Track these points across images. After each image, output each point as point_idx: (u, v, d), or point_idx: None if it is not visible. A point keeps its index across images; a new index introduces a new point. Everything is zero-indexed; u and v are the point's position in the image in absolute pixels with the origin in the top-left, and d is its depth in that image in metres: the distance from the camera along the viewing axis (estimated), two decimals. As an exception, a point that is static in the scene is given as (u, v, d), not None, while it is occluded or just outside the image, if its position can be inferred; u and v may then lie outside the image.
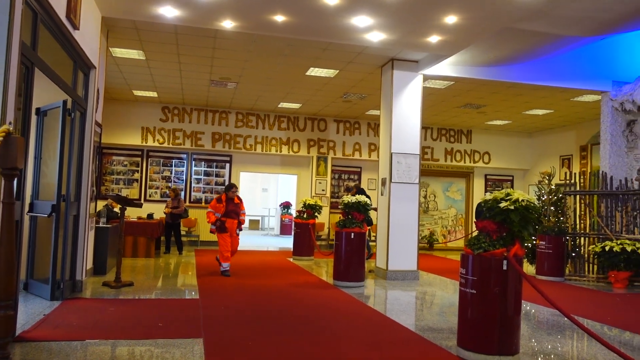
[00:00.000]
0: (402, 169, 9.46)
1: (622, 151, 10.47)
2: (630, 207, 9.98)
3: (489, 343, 4.38)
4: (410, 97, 9.61)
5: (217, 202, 9.22)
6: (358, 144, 15.71)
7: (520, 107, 13.00)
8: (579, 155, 14.65)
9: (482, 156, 16.64)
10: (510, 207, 4.42)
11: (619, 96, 10.31)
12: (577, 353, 5.10)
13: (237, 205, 9.36)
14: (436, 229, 16.54)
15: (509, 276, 4.38)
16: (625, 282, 9.37)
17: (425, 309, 7.37)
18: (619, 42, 10.25)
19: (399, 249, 9.39)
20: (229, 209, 9.19)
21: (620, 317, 6.84)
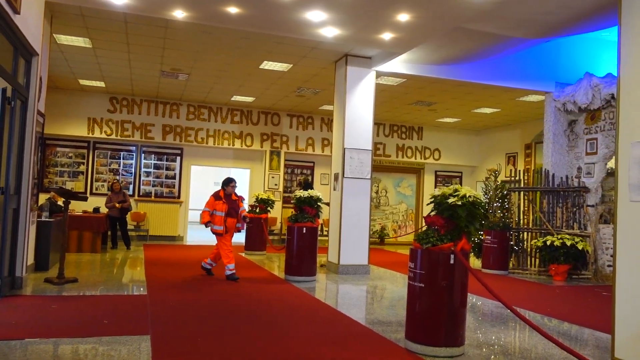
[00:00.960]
0: (354, 165, 9.54)
1: (564, 150, 10.94)
2: (570, 204, 10.45)
3: (435, 335, 4.49)
4: (364, 93, 9.69)
5: (215, 199, 8.32)
6: (311, 138, 15.73)
7: (469, 105, 13.36)
8: (524, 153, 15.20)
9: (432, 153, 17.01)
10: (457, 203, 4.53)
11: (562, 97, 10.75)
12: (519, 343, 5.30)
13: (235, 202, 8.50)
14: (387, 223, 16.80)
15: (455, 270, 4.50)
16: (564, 275, 9.81)
17: (375, 302, 7.48)
18: (562, 45, 10.69)
19: (351, 243, 9.48)
20: (228, 206, 8.35)
21: (560, 308, 7.16)
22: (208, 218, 8.30)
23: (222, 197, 8.36)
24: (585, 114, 10.63)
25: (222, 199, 8.35)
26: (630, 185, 4.21)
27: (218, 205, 8.30)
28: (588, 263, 9.97)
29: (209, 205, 8.36)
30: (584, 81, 10.31)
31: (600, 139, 10.27)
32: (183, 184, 14.83)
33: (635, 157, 4.17)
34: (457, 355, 4.52)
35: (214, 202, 8.32)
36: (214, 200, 8.34)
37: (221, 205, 8.30)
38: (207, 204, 8.40)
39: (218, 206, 8.29)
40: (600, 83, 9.99)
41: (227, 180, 8.59)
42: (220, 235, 8.29)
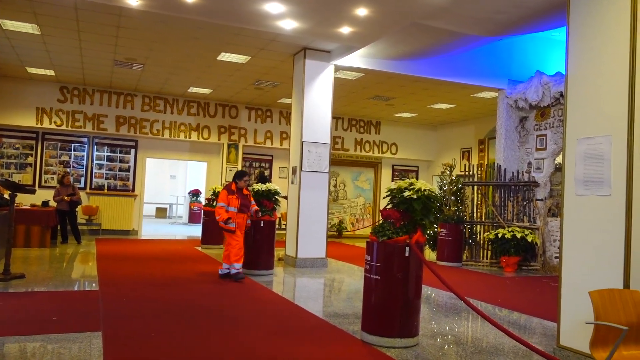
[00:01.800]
0: (312, 158, 9.55)
1: (515, 145, 11.28)
2: (521, 197, 10.80)
3: (391, 326, 4.56)
4: (322, 86, 9.70)
5: (229, 194, 7.61)
6: (270, 132, 15.64)
7: (426, 100, 13.58)
8: (478, 148, 15.59)
9: (389, 147, 17.21)
10: (413, 197, 4.61)
11: (514, 94, 11.07)
12: (471, 333, 5.45)
13: (247, 197, 7.87)
14: (345, 217, 16.92)
15: (410, 262, 4.58)
16: (515, 267, 10.15)
17: (332, 295, 7.53)
18: (515, 44, 11.00)
19: (309, 237, 9.50)
20: (240, 201, 7.70)
21: (510, 298, 7.40)
22: (227, 214, 7.54)
23: (235, 192, 7.69)
24: (535, 111, 10.99)
25: (236, 194, 7.69)
26: (576, 180, 4.38)
27: (232, 201, 7.60)
28: (537, 255, 10.35)
29: (223, 199, 7.56)
30: (535, 79, 10.65)
31: (549, 135, 10.64)
32: (138, 176, 14.47)
33: (581, 153, 4.35)
34: (411, 345, 4.61)
35: (228, 196, 7.59)
36: (228, 195, 7.60)
37: (235, 201, 7.63)
38: (221, 199, 7.58)
39: (232, 201, 7.59)
40: (550, 81, 10.34)
41: (241, 174, 7.85)
42: (233, 233, 7.67)
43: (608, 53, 4.22)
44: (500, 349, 4.74)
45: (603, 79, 4.24)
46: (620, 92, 4.07)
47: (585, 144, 4.31)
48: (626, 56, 4.05)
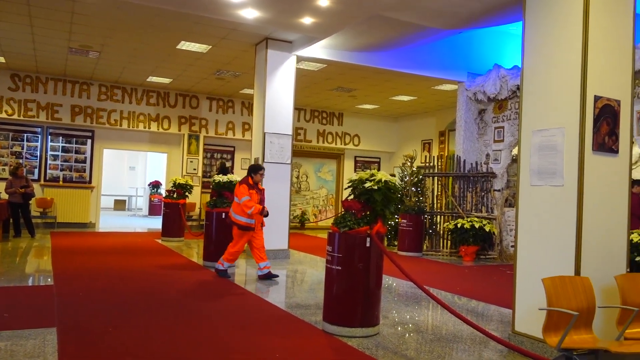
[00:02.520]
0: (275, 149, 9.50)
1: (474, 137, 11.52)
2: (479, 188, 11.05)
3: (352, 316, 4.60)
4: (284, 77, 9.63)
5: (250, 188, 7.10)
6: (232, 122, 15.46)
7: (388, 92, 13.69)
8: (438, 140, 15.84)
9: (352, 138, 17.29)
10: (374, 187, 4.64)
11: (473, 87, 11.28)
12: (431, 321, 5.56)
13: (262, 192, 7.41)
14: (308, 208, 16.94)
15: (371, 252, 4.62)
16: (473, 256, 10.40)
17: (295, 286, 7.54)
18: (474, 37, 11.19)
19: (271, 228, 9.42)
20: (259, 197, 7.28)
21: (468, 287, 7.58)
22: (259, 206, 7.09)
23: (253, 186, 7.20)
24: (493, 104, 11.23)
25: (255, 188, 7.21)
26: (530, 171, 4.50)
27: (253, 196, 7.10)
28: (494, 244, 10.63)
29: (246, 193, 7.04)
30: (493, 72, 10.88)
31: (506, 127, 10.90)
32: (95, 168, 14.06)
33: (536, 144, 4.46)
34: (372, 334, 4.67)
35: (249, 191, 7.09)
36: (249, 189, 7.11)
37: (255, 196, 7.14)
38: (243, 193, 7.03)
39: (252, 196, 7.10)
40: (507, 74, 10.58)
41: (257, 167, 7.34)
42: (252, 230, 7.23)
43: (561, 48, 4.34)
44: (459, 336, 4.85)
45: (557, 72, 4.36)
46: (573, 86, 4.19)
47: (540, 135, 4.43)
48: (579, 51, 4.17)
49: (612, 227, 4.29)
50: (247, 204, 7.02)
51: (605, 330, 4.09)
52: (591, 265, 4.10)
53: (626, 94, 4.36)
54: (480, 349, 4.50)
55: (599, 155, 4.19)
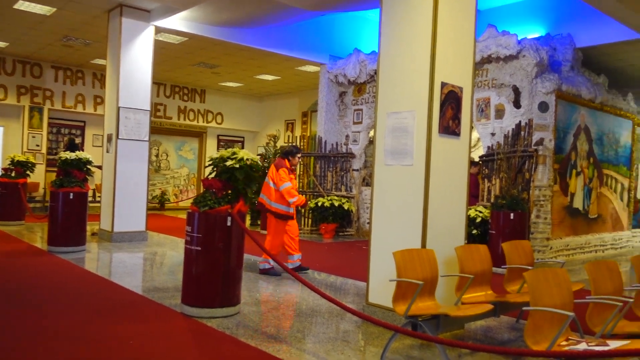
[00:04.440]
0: (130, 125, 8.92)
1: (335, 118, 11.90)
2: (339, 168, 11.49)
3: (211, 297, 4.52)
4: (141, 49, 9.05)
5: (289, 172, 6.56)
6: (81, 95, 14.19)
7: (252, 71, 13.55)
8: (301, 120, 16.12)
9: (215, 116, 16.90)
10: (235, 166, 4.57)
11: (334, 69, 11.61)
12: (291, 298, 5.67)
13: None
14: (168, 188, 16.29)
15: (232, 232, 4.56)
16: (333, 233, 10.82)
17: (153, 269, 7.21)
18: (336, 21, 11.48)
19: (127, 209, 8.92)
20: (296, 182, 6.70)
21: (328, 263, 7.88)
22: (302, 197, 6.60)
23: (292, 170, 6.69)
24: (353, 87, 11.68)
25: (293, 173, 6.71)
26: (385, 151, 4.76)
27: (292, 181, 6.57)
28: (352, 221, 11.16)
29: (287, 179, 6.47)
30: (353, 56, 11.29)
31: (365, 110, 11.43)
32: None
33: (389, 126, 4.72)
34: (232, 314, 4.64)
35: (288, 175, 6.54)
36: (289, 174, 6.55)
37: (294, 181, 6.65)
38: (284, 179, 6.44)
39: (292, 182, 6.57)
40: (366, 59, 11.05)
41: (296, 150, 6.80)
42: (291, 219, 6.66)
43: (413, 37, 4.61)
44: (318, 311, 5.02)
45: (409, 58, 4.63)
46: (423, 71, 4.49)
47: (394, 117, 4.68)
48: (428, 40, 4.46)
49: (453, 204, 4.71)
50: (291, 193, 6.45)
51: (446, 296, 4.50)
52: (435, 239, 4.47)
53: (468, 82, 4.78)
54: (337, 321, 4.70)
55: (444, 137, 4.56)
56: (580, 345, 2.90)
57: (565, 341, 3.03)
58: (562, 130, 8.85)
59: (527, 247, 4.89)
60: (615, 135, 10.54)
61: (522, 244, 4.90)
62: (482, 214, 8.18)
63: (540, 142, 8.45)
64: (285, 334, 4.23)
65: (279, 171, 6.53)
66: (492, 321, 4.88)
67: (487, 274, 4.45)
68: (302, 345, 3.98)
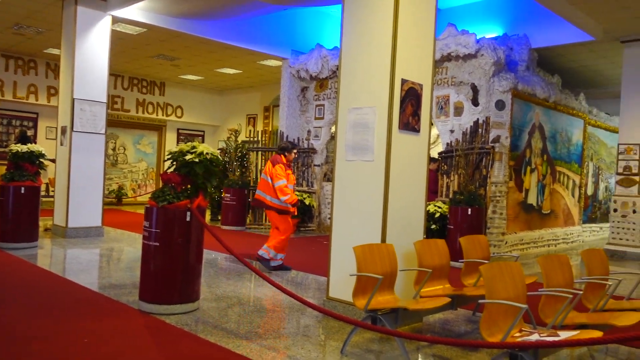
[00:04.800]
0: (86, 118, 8.66)
1: (297, 113, 11.88)
2: (301, 163, 11.48)
3: (170, 293, 4.45)
4: (98, 39, 8.78)
5: (286, 168, 6.52)
6: (34, 85, 13.66)
7: (212, 64, 13.36)
8: (263, 115, 16.02)
9: (175, 110, 16.60)
10: (195, 160, 4.50)
11: (296, 64, 11.58)
12: (253, 293, 5.64)
13: None
14: (125, 182, 15.90)
15: (192, 227, 4.49)
16: (294, 228, 10.79)
17: (109, 266, 7.04)
18: (299, 15, 11.45)
19: (82, 204, 8.67)
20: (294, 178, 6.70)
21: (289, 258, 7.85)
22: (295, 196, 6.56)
23: (289, 166, 6.63)
24: (315, 82, 11.68)
25: (291, 168, 6.67)
26: (346, 147, 4.78)
27: (289, 177, 6.53)
28: (313, 216, 11.18)
29: (282, 176, 6.44)
30: (315, 52, 11.28)
31: (326, 105, 11.45)
32: None
33: (351, 121, 4.74)
34: (191, 310, 4.57)
35: (286, 171, 6.50)
36: (285, 170, 6.50)
37: (291, 177, 6.61)
38: (280, 175, 6.41)
39: (289, 178, 6.52)
40: (328, 55, 11.06)
41: (292, 145, 6.81)
42: (288, 215, 6.61)
43: (374, 31, 4.63)
44: (279, 306, 5.01)
45: (370, 54, 4.65)
46: (384, 68, 4.52)
47: (355, 113, 4.71)
48: (389, 38, 4.50)
49: (412, 199, 4.78)
50: (284, 191, 6.42)
51: (405, 290, 4.57)
52: (395, 234, 4.53)
53: (427, 79, 4.85)
54: (298, 316, 4.70)
55: (404, 133, 4.62)
56: (533, 336, 3.00)
57: (518, 332, 3.12)
58: (517, 128, 9.11)
59: (484, 242, 5.01)
60: (568, 134, 10.92)
61: (478, 238, 5.02)
62: (441, 210, 8.34)
63: (496, 140, 8.67)
64: (246, 330, 4.21)
65: (275, 167, 6.52)
66: (449, 314, 4.99)
67: (445, 268, 4.54)
68: (262, 341, 3.97)
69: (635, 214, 9.37)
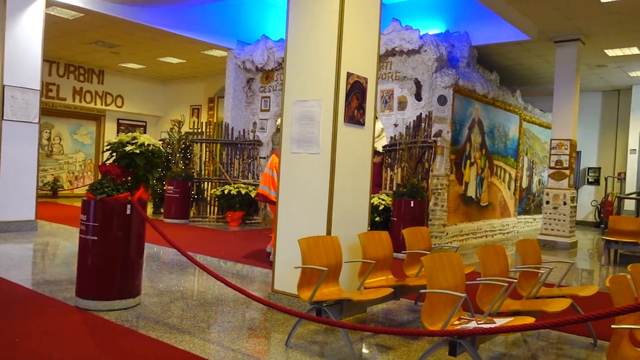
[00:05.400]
0: (18, 105, 8.21)
1: (243, 105, 11.74)
2: (246, 155, 11.37)
3: (109, 289, 4.31)
4: (30, 22, 8.32)
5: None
6: (-41, 71, 12.81)
7: (154, 52, 12.98)
8: (207, 106, 15.74)
9: (115, 99, 16.02)
10: (136, 151, 4.36)
11: (242, 55, 11.43)
12: (196, 287, 5.55)
13: None
14: (62, 174, 15.22)
15: (132, 220, 4.36)
16: (239, 221, 10.72)
17: (44, 261, 6.73)
18: (244, 5, 11.29)
19: (13, 197, 8.22)
20: None
21: (234, 251, 7.79)
22: None
23: None
24: (261, 74, 11.58)
25: None
26: (292, 139, 4.77)
27: None
28: (259, 209, 11.12)
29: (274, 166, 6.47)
30: (261, 43, 11.17)
31: (272, 97, 11.38)
32: None
33: (296, 114, 4.73)
34: (132, 306, 4.45)
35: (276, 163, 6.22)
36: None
37: None
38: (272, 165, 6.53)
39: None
40: (274, 46, 10.98)
41: None
42: None
43: (320, 24, 4.64)
44: (223, 299, 4.95)
45: (316, 47, 4.65)
46: (329, 61, 4.53)
47: (301, 106, 4.70)
48: (335, 31, 4.51)
49: (357, 192, 4.84)
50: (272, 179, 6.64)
51: (350, 282, 4.63)
52: (340, 226, 4.57)
53: (372, 74, 4.91)
54: (243, 309, 4.67)
55: (349, 126, 4.66)
56: (471, 324, 3.11)
57: (457, 320, 3.23)
58: (458, 123, 9.40)
59: (425, 233, 5.15)
60: (505, 129, 11.37)
61: (420, 230, 5.15)
62: (385, 202, 8.49)
63: (438, 134, 8.91)
64: (189, 325, 4.14)
65: (273, 157, 6.67)
66: (392, 304, 5.10)
67: (389, 259, 4.63)
68: (206, 335, 3.92)
69: (565, 205, 9.89)
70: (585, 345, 4.18)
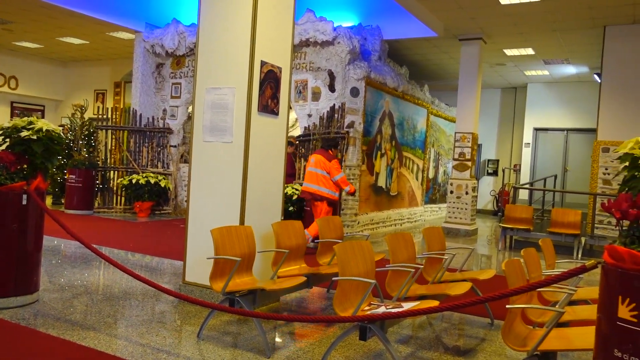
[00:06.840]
0: None
1: (152, 91, 11.27)
2: (156, 144, 10.95)
3: (4, 285, 3.99)
4: None
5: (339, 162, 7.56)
6: None
7: (54, 31, 12.09)
8: (113, 91, 14.95)
9: (7, 80, 14.76)
10: (32, 137, 4.06)
11: (151, 39, 10.95)
12: (102, 281, 5.29)
13: None
14: (-55, 162, 13.82)
15: (29, 211, 4.06)
16: (148, 212, 10.32)
17: None
18: (153, -13, 10.81)
19: None
20: None
21: (143, 243, 7.51)
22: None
23: None
24: (172, 59, 11.17)
25: None
26: (204, 127, 4.66)
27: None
28: (169, 199, 10.77)
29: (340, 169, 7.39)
30: (172, 27, 10.77)
31: (183, 84, 11.03)
32: None
33: (209, 102, 4.62)
34: (30, 303, 4.16)
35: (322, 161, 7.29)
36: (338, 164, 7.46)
37: None
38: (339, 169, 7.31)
39: None
40: (185, 31, 10.63)
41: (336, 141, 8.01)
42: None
43: (234, 11, 4.55)
44: (131, 293, 4.76)
45: (230, 36, 4.56)
46: (243, 48, 4.47)
47: (213, 93, 4.60)
48: (249, 18, 4.44)
49: (271, 181, 4.83)
50: (346, 182, 7.34)
51: (263, 271, 4.63)
52: (253, 215, 4.55)
53: (286, 63, 4.90)
54: (153, 302, 4.52)
55: (263, 116, 4.63)
56: (380, 309, 3.23)
57: (368, 306, 3.34)
58: (370, 115, 9.65)
59: (338, 223, 5.25)
60: (413, 122, 11.84)
61: (333, 219, 5.25)
62: (298, 192, 8.55)
63: (351, 125, 9.10)
64: (94, 320, 3.94)
65: (332, 162, 7.32)
66: (305, 292, 5.17)
67: (302, 248, 4.68)
68: (112, 331, 3.75)
69: (467, 195, 10.51)
70: (484, 325, 4.49)
